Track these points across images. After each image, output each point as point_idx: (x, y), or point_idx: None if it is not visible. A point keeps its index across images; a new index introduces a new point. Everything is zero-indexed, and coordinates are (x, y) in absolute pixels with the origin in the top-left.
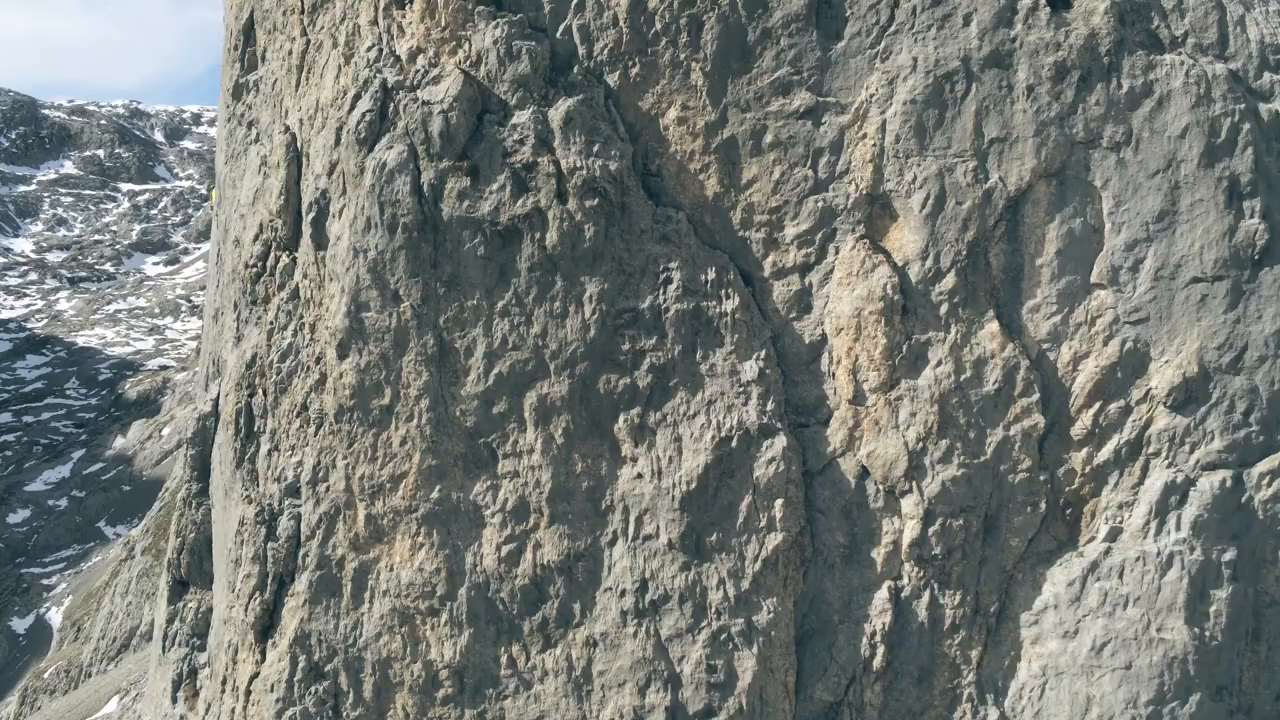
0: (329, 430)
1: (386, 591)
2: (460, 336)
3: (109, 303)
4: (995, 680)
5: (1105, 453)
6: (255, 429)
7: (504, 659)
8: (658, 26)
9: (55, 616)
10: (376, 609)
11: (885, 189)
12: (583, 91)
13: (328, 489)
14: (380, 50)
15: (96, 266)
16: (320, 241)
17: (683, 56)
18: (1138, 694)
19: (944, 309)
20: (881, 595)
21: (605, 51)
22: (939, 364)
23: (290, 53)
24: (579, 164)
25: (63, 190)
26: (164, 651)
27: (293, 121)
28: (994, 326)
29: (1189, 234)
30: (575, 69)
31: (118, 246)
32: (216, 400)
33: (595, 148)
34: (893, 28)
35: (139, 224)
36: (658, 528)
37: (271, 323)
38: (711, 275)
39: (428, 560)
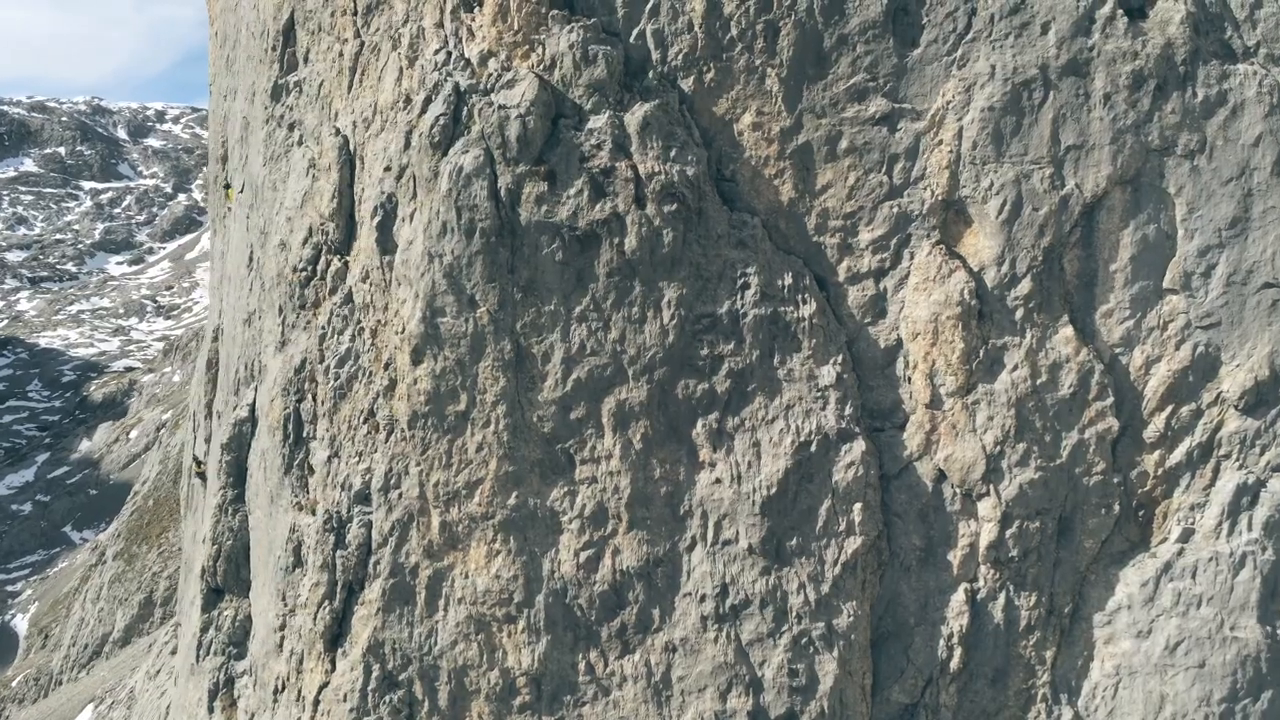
0: (401, 436)
1: (462, 599)
2: (538, 342)
3: (71, 303)
4: (1069, 680)
5: (1177, 455)
6: (305, 434)
7: (582, 665)
8: (733, 32)
9: (21, 623)
10: (452, 616)
11: (961, 195)
12: (658, 96)
13: (400, 496)
14: (449, 53)
15: (58, 266)
16: (386, 245)
17: (758, 62)
18: (1211, 692)
19: (1019, 314)
20: (958, 597)
21: (680, 56)
22: (1015, 368)
23: (341, 55)
24: (657, 169)
25: (22, 188)
26: (197, 660)
27: (344, 124)
28: (1069, 331)
29: (1261, 240)
30: (650, 74)
31: (80, 246)
32: (253, 405)
33: (672, 153)
34: (970, 35)
35: (102, 223)
36: (737, 532)
37: (324, 327)
38: (788, 280)
39: (505, 567)
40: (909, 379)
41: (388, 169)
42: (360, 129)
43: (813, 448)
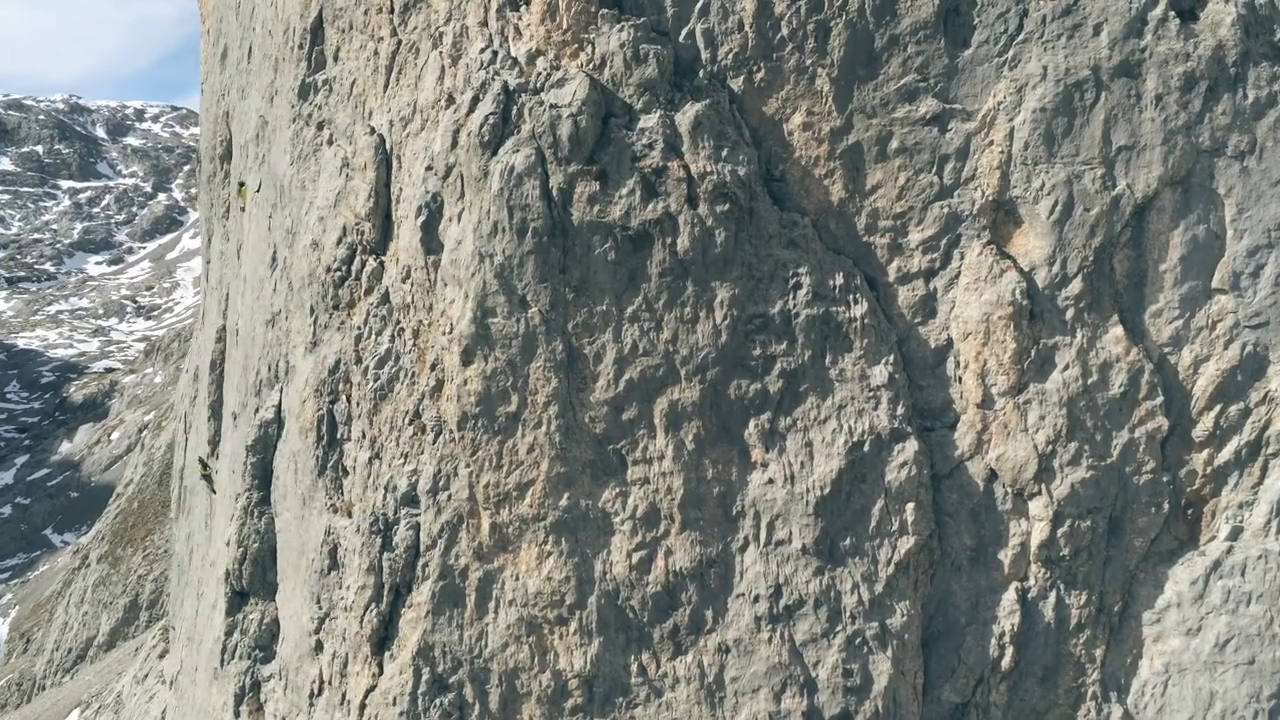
0: (449, 438)
1: (513, 601)
2: (589, 342)
3: (50, 303)
4: (1118, 678)
5: (1225, 454)
6: (338, 436)
7: (634, 667)
8: (784, 32)
9: (2, 628)
10: (502, 618)
11: (1012, 195)
12: (708, 96)
13: (449, 498)
14: (494, 52)
15: (36, 266)
16: (431, 245)
17: (809, 62)
18: (1260, 689)
19: (1070, 314)
20: (1009, 596)
21: (730, 56)
22: (1066, 368)
23: (376, 53)
24: (709, 169)
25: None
26: (221, 665)
27: (379, 123)
28: (1119, 331)
29: None
30: (700, 73)
31: (58, 245)
32: (279, 407)
33: (724, 152)
34: (1021, 36)
35: (80, 222)
36: (790, 533)
37: (359, 328)
38: (839, 280)
39: (556, 569)
40: (960, 379)
41: (429, 168)
42: (397, 128)
43: (865, 448)
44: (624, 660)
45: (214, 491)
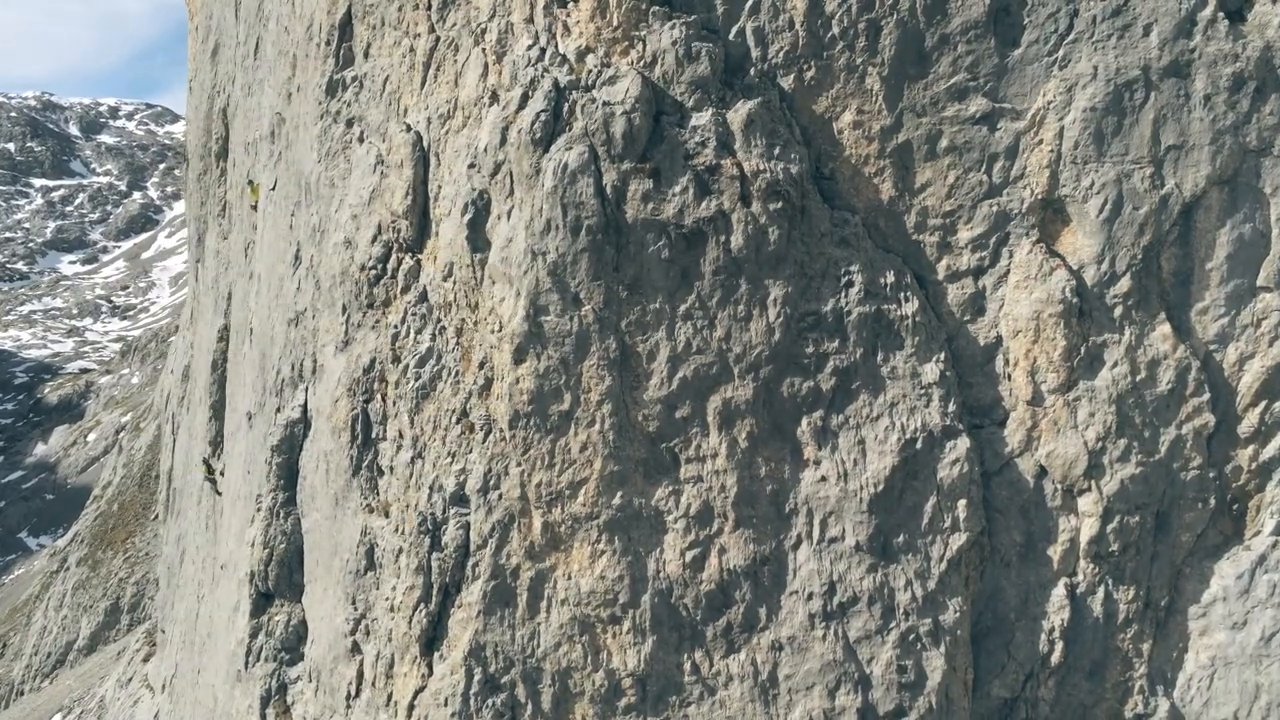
0: (499, 437)
1: (565, 600)
2: (643, 340)
3: (23, 303)
4: (1165, 672)
5: (1270, 450)
6: (373, 435)
7: (687, 665)
8: (835, 30)
9: None
10: (555, 618)
11: (1060, 194)
12: (760, 94)
13: (500, 497)
14: (542, 49)
15: (8, 265)
16: (477, 243)
17: (859, 61)
18: None
19: (1118, 311)
20: (1058, 592)
21: (780, 54)
22: (1115, 365)
23: (412, 50)
24: (761, 167)
25: None
26: (246, 668)
27: (416, 120)
28: (1166, 329)
29: None
30: (751, 71)
31: (31, 244)
32: (305, 407)
33: (776, 150)
34: (1071, 36)
35: (54, 221)
36: (843, 530)
37: (397, 327)
38: (890, 278)
39: (609, 567)
40: (1009, 376)
41: (472, 165)
42: (435, 125)
43: (918, 445)
44: (677, 659)
45: (219, 493)
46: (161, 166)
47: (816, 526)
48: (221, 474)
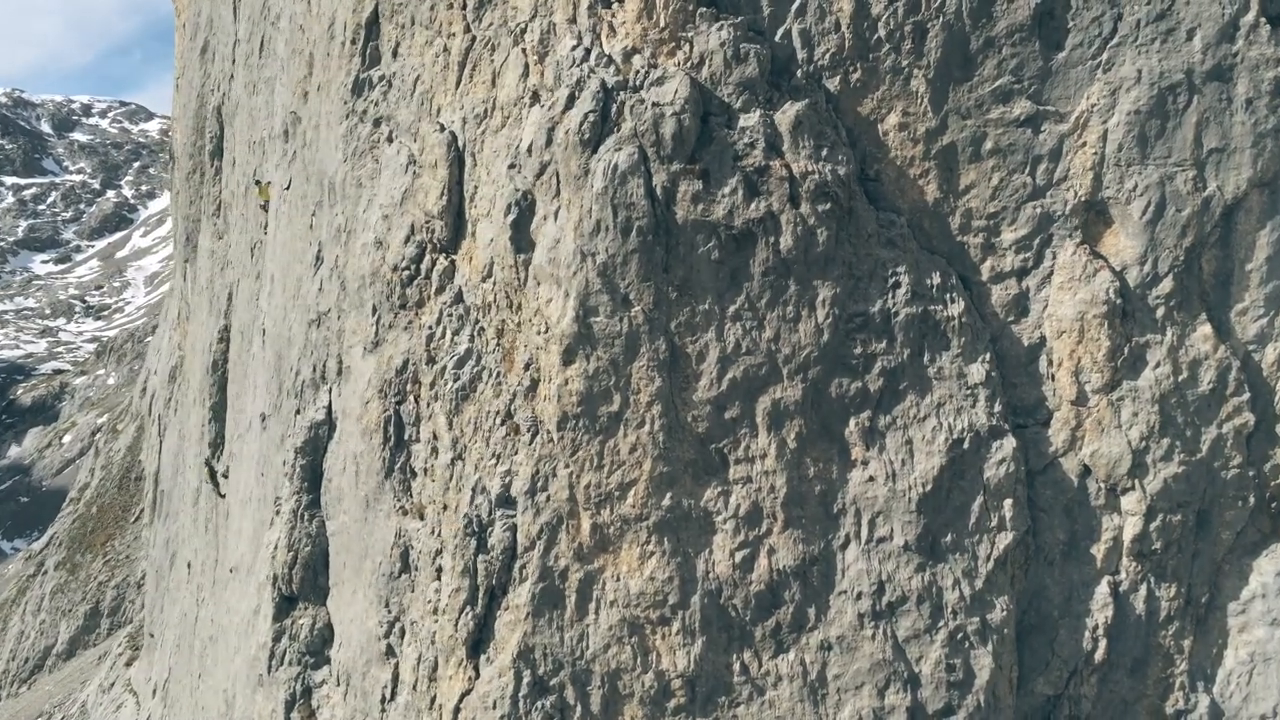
0: (546, 439)
1: (614, 602)
2: (692, 341)
3: None
4: (1205, 668)
5: None
6: (406, 437)
7: (736, 666)
8: (881, 33)
9: None
10: (604, 619)
11: (1104, 196)
12: (807, 96)
13: (548, 499)
14: (587, 50)
15: None
16: (521, 244)
17: (905, 63)
18: None
19: (1160, 312)
20: (1102, 590)
21: (826, 56)
22: (1158, 365)
23: (446, 50)
24: (810, 168)
25: None
26: (268, 671)
27: (450, 120)
28: (1207, 329)
29: None
30: (798, 73)
31: (2, 244)
32: (330, 408)
33: (823, 152)
34: (1115, 40)
35: (25, 220)
36: (891, 530)
37: (431, 328)
38: (936, 280)
39: (659, 569)
40: (1053, 376)
41: (512, 166)
42: (471, 125)
43: (965, 445)
44: (726, 659)
45: (221, 495)
46: (136, 165)
47: (865, 526)
48: (224, 476)
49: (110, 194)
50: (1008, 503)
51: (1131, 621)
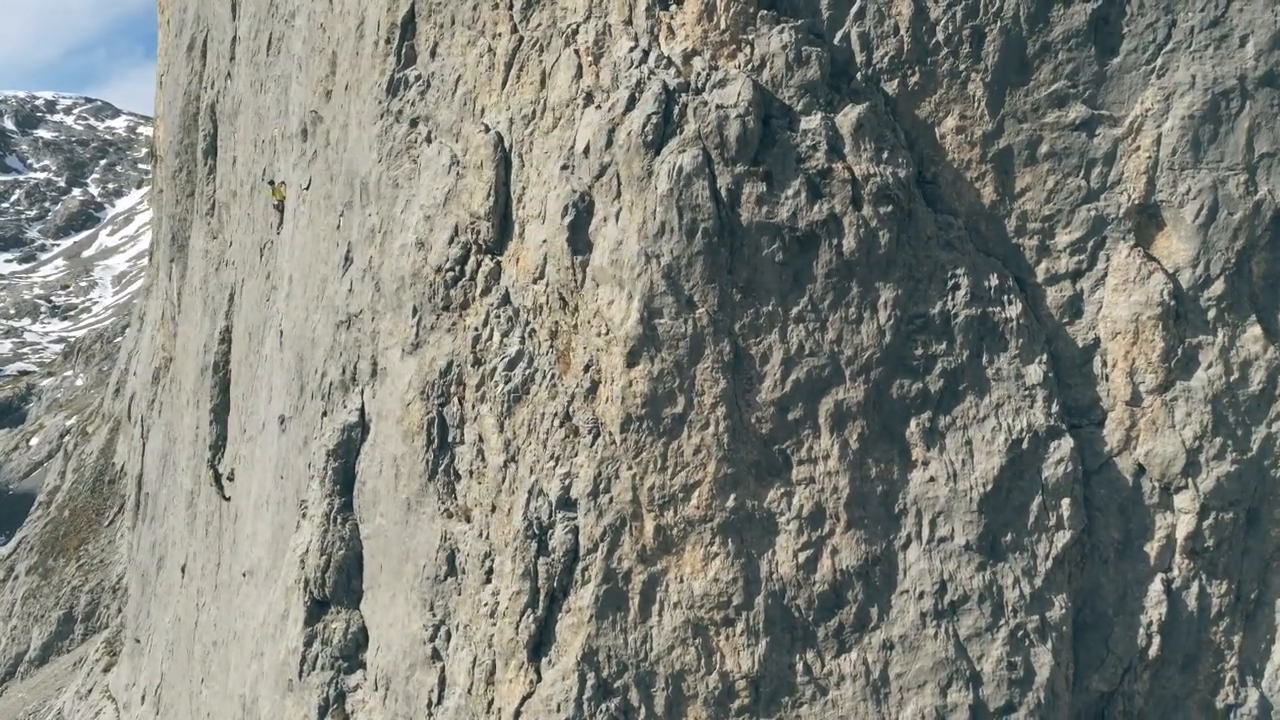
0: (608, 441)
1: (678, 603)
2: (756, 343)
3: None
4: (1253, 663)
5: None
6: (450, 439)
7: (799, 666)
8: (939, 37)
9: None
10: (667, 621)
11: (1157, 199)
12: (866, 99)
13: (611, 501)
14: (645, 51)
15: None
16: (578, 245)
17: (962, 67)
18: None
19: (1211, 314)
20: (1155, 588)
21: (885, 60)
22: (1210, 366)
23: (490, 50)
24: (871, 171)
25: None
26: (300, 676)
27: (495, 121)
28: (1257, 330)
29: None
30: (857, 76)
31: None
32: (363, 410)
33: (884, 155)
34: (1169, 45)
35: None
36: (952, 529)
37: (478, 329)
38: (994, 281)
39: (723, 570)
40: (1107, 377)
41: (565, 167)
42: (519, 126)
43: (1024, 445)
44: (789, 659)
45: (226, 497)
46: (103, 162)
47: (926, 526)
48: (229, 478)
49: (76, 192)
50: (1065, 502)
51: (1184, 618)
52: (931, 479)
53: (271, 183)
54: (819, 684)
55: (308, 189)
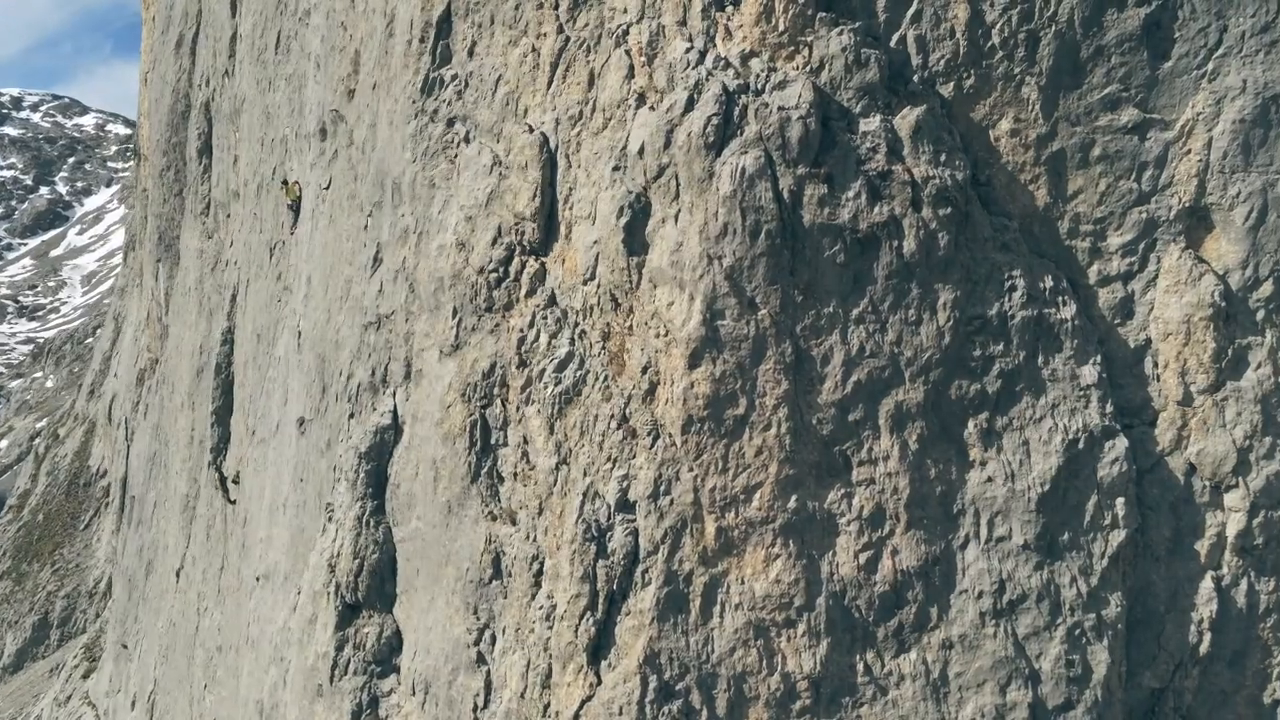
0: (669, 442)
1: (739, 605)
2: (817, 344)
3: None
4: None
5: None
6: (493, 441)
7: (859, 666)
8: (995, 40)
9: None
10: (729, 623)
11: (1207, 202)
12: (923, 101)
13: (671, 503)
14: (701, 52)
15: None
16: (634, 246)
17: (1017, 70)
18: None
19: (1260, 315)
20: (1206, 585)
21: (941, 62)
22: (1259, 366)
23: (534, 50)
24: (930, 173)
25: None
26: (331, 682)
27: (539, 121)
28: None
29: None
30: (915, 79)
31: None
32: (395, 412)
33: (942, 157)
34: (1220, 50)
35: None
36: (1010, 529)
37: (523, 331)
38: (1049, 283)
39: (785, 571)
40: (1158, 377)
41: (617, 168)
42: (565, 126)
43: (1080, 445)
44: (849, 660)
45: (231, 501)
46: (71, 160)
47: (984, 526)
48: (234, 481)
49: (44, 190)
50: (1120, 501)
51: (1233, 615)
52: (989, 479)
53: (285, 182)
54: (879, 684)
55: (328, 188)
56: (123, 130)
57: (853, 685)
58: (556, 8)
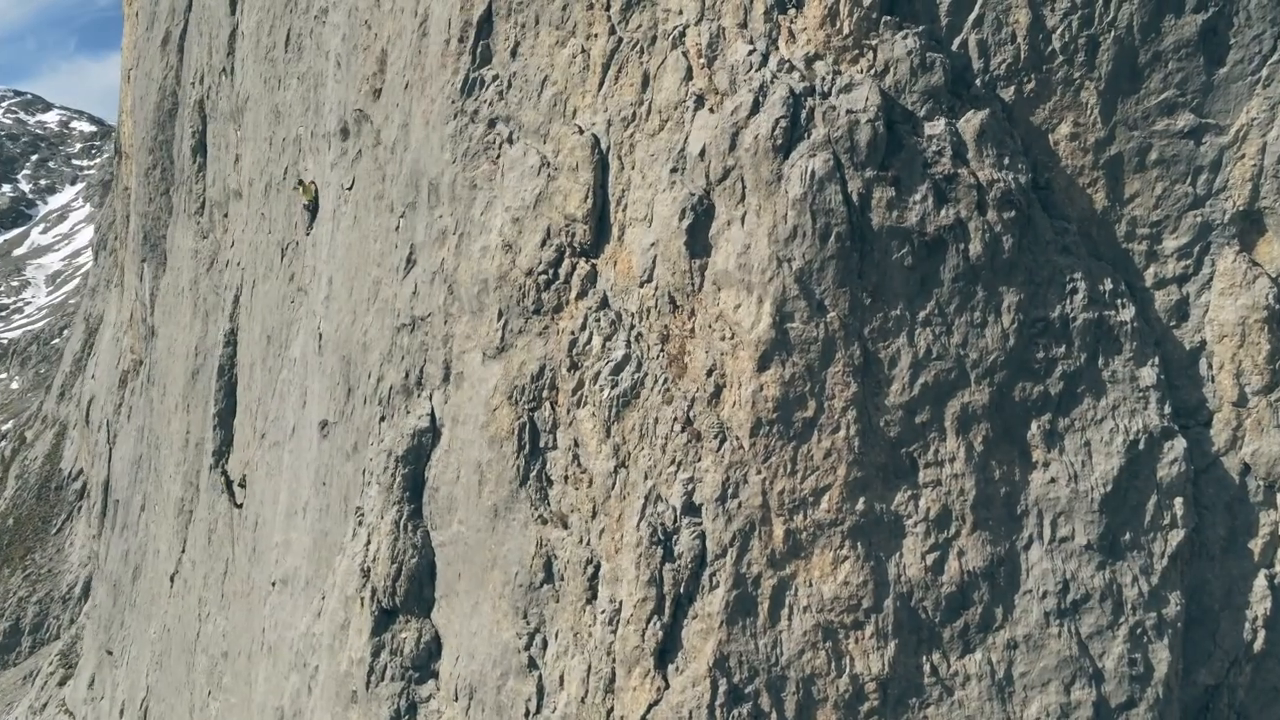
0: (735, 445)
1: (807, 607)
2: (884, 347)
3: None
4: None
5: None
6: (542, 444)
7: (925, 667)
8: (1055, 45)
9: None
10: (797, 625)
11: (1260, 206)
12: (986, 105)
13: (739, 506)
14: (764, 55)
15: None
16: (696, 249)
17: (1076, 75)
18: None
19: None
20: (1260, 583)
21: (1002, 67)
22: None
23: (584, 51)
24: (994, 176)
25: None
26: (367, 688)
27: (590, 122)
28: None
29: None
30: (977, 82)
31: None
32: (433, 415)
33: (1005, 160)
34: (1275, 57)
35: None
36: (1073, 530)
37: (574, 333)
38: (1108, 286)
39: (852, 573)
40: (1213, 379)
41: (675, 170)
42: (617, 128)
43: (1140, 446)
44: (916, 661)
45: (238, 505)
46: (34, 157)
47: (1048, 527)
48: (240, 484)
49: (6, 189)
50: (1178, 501)
51: None
52: (1052, 480)
53: (300, 182)
54: (945, 684)
55: (350, 189)
56: (87, 127)
57: (919, 686)
58: (608, 9)
